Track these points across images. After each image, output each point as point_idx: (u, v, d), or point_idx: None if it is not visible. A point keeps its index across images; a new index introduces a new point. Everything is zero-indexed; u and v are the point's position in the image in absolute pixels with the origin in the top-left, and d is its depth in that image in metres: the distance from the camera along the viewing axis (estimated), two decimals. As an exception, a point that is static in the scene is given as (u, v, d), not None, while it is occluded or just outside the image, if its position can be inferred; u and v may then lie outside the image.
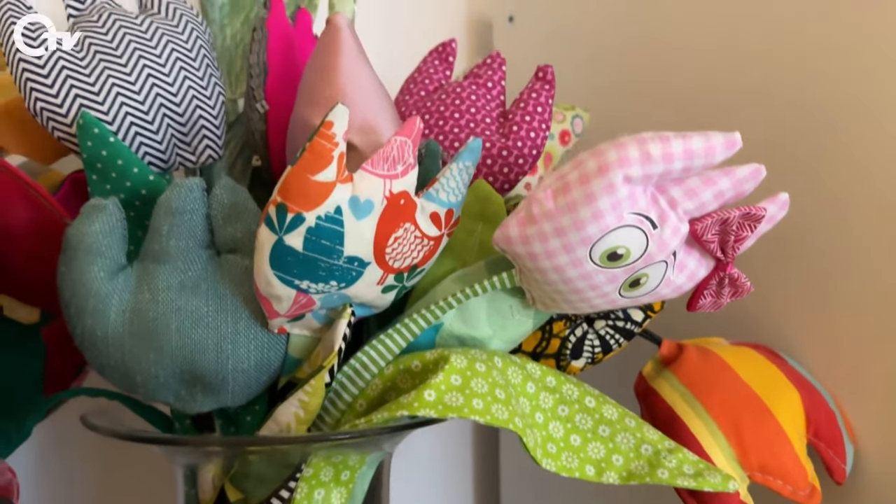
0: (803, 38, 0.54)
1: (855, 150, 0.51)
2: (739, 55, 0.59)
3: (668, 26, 0.66)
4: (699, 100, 0.63)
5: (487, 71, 0.53)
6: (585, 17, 0.74)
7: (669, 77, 0.65)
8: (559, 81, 0.73)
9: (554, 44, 0.78)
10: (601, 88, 0.73)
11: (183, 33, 0.48)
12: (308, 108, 0.44)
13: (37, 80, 0.43)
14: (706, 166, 0.38)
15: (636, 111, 0.69)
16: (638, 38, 0.69)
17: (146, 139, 0.45)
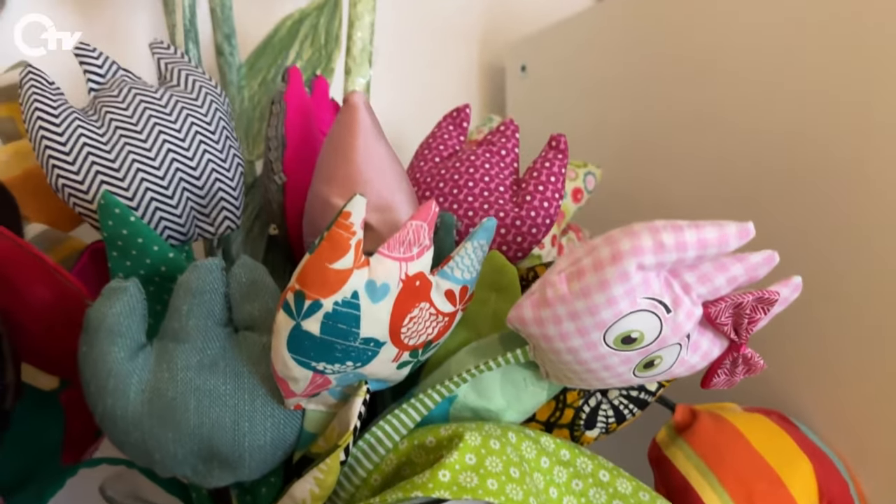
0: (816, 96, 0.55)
1: (857, 224, 0.52)
2: (745, 103, 0.59)
3: (676, 77, 0.66)
4: (706, 149, 0.63)
5: (501, 139, 0.54)
6: (596, 68, 0.75)
7: (677, 126, 0.66)
8: (569, 130, 0.74)
9: (565, 93, 0.79)
10: (611, 137, 0.73)
11: (202, 106, 0.49)
12: (326, 186, 0.45)
13: (59, 157, 0.44)
14: (719, 254, 0.38)
15: (645, 158, 0.69)
16: (647, 88, 0.69)
17: (166, 214, 0.46)
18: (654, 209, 0.69)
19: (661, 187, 0.68)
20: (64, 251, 0.51)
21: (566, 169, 0.52)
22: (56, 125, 0.45)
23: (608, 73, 0.73)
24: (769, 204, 0.58)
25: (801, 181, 0.56)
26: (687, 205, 0.66)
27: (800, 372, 0.56)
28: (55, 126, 0.45)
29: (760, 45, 0.58)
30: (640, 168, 0.71)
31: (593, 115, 0.75)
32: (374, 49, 0.59)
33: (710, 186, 0.63)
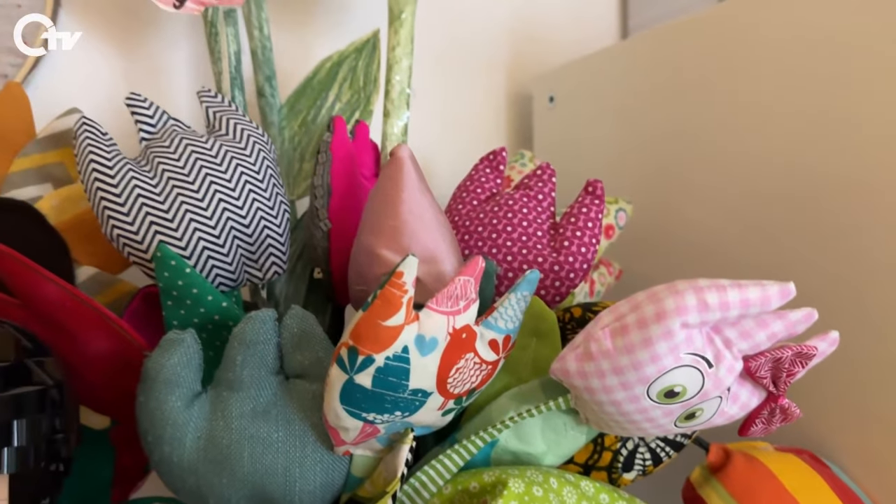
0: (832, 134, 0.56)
1: (890, 262, 0.53)
2: (768, 134, 0.60)
3: (699, 110, 0.67)
4: (729, 178, 0.64)
5: (538, 183, 0.55)
6: (623, 101, 0.76)
7: (701, 157, 0.67)
8: (597, 160, 0.75)
9: (592, 125, 0.80)
10: (637, 168, 0.74)
11: (250, 155, 0.50)
12: (372, 237, 0.46)
13: (114, 208, 0.46)
14: (761, 313, 0.39)
15: (670, 189, 0.70)
16: (672, 121, 0.70)
17: (218, 262, 0.47)
18: (678, 237, 0.70)
19: (686, 217, 0.69)
20: (114, 293, 0.53)
21: (602, 214, 0.53)
22: (111, 177, 0.46)
23: (634, 106, 0.75)
24: (796, 235, 0.59)
25: (828, 213, 0.57)
26: (711, 232, 0.67)
27: (831, 412, 0.57)
28: (110, 178, 0.46)
29: (782, 78, 0.59)
30: (665, 198, 0.72)
31: (620, 146, 0.76)
32: (412, 90, 0.60)
33: (734, 214, 0.64)
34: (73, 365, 0.44)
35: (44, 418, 0.39)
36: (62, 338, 0.43)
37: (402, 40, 0.60)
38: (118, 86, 0.67)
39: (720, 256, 0.66)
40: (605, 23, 0.99)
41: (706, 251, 0.68)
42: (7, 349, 0.39)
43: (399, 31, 0.60)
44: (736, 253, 0.65)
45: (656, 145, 0.72)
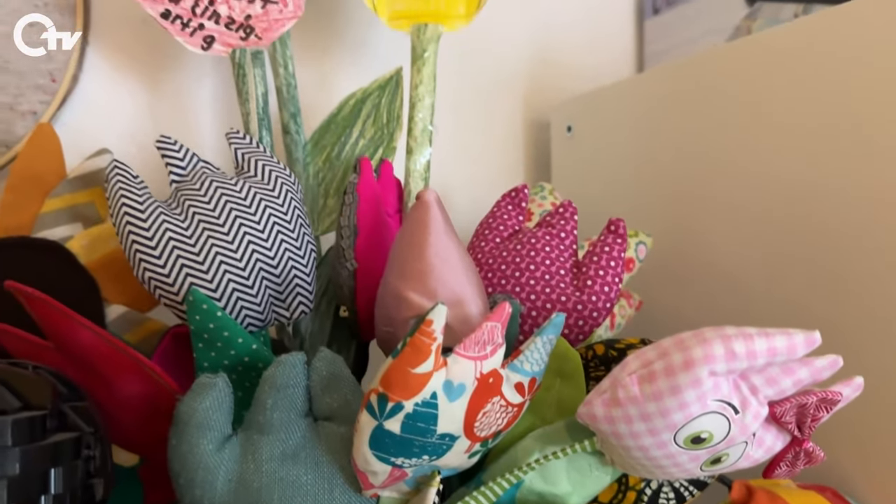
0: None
1: None
2: (785, 165, 0.61)
3: (718, 141, 0.67)
4: (747, 209, 0.64)
5: (560, 221, 0.55)
6: (640, 133, 0.76)
7: (719, 189, 0.67)
8: (615, 190, 0.76)
9: (610, 154, 0.80)
10: (655, 198, 0.75)
11: (278, 197, 0.51)
12: (400, 280, 0.46)
13: (146, 251, 0.47)
14: (787, 361, 0.39)
15: (688, 220, 0.71)
16: (690, 151, 0.71)
17: (247, 303, 0.48)
18: (698, 267, 0.70)
19: (706, 246, 0.70)
20: (143, 332, 0.54)
21: (624, 253, 0.53)
22: (143, 220, 0.47)
23: (652, 137, 0.75)
24: (817, 265, 0.59)
25: (850, 245, 0.57)
26: (731, 262, 0.67)
27: (854, 449, 0.57)
28: (142, 222, 0.47)
29: (800, 109, 0.60)
30: (684, 229, 0.72)
31: (639, 176, 0.77)
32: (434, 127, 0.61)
33: (755, 243, 0.65)
34: (106, 407, 0.45)
35: (80, 464, 0.39)
36: (96, 381, 0.44)
37: (425, 79, 0.60)
38: (144, 121, 0.68)
39: (741, 286, 0.66)
40: (622, 52, 1.00)
41: (726, 281, 0.68)
42: (44, 395, 0.40)
43: (422, 69, 0.60)
44: (757, 282, 0.65)
45: (674, 176, 0.73)
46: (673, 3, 0.95)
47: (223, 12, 0.56)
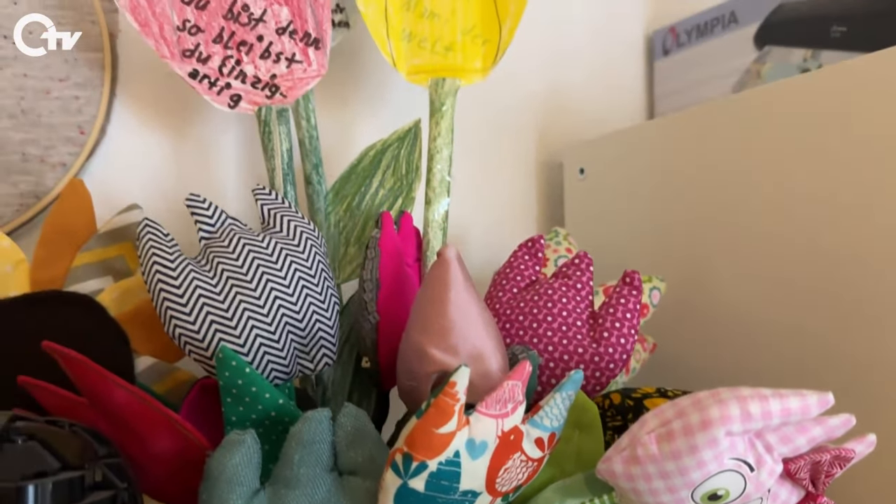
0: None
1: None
2: (791, 211, 0.62)
3: (729, 188, 0.69)
4: (756, 253, 0.66)
5: (576, 272, 0.57)
6: (652, 176, 0.78)
7: (733, 233, 0.68)
8: (628, 234, 0.77)
9: (623, 198, 0.82)
10: (666, 242, 0.76)
11: (303, 252, 0.53)
12: (422, 336, 0.48)
13: (177, 309, 0.48)
14: (801, 420, 0.40)
15: (703, 264, 0.72)
16: (702, 197, 0.72)
17: (273, 357, 0.50)
18: (710, 310, 0.71)
19: (718, 290, 0.71)
20: (171, 382, 0.55)
21: (640, 305, 0.55)
22: (174, 278, 0.49)
23: (664, 182, 0.76)
24: (826, 313, 0.60)
25: (863, 288, 0.58)
26: (743, 305, 0.68)
27: (867, 501, 0.57)
28: (173, 279, 0.49)
29: (807, 161, 0.61)
30: (696, 272, 0.73)
31: (651, 220, 0.78)
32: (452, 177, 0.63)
33: (763, 285, 0.66)
34: (138, 461, 0.46)
35: (115, 521, 0.41)
36: (129, 436, 0.46)
37: (443, 131, 0.62)
38: (169, 171, 0.70)
39: (753, 326, 0.67)
40: (632, 92, 1.02)
41: (738, 321, 0.69)
42: (81, 454, 0.41)
43: (440, 122, 0.62)
44: (769, 323, 0.66)
45: (686, 219, 0.74)
46: (682, 44, 0.96)
47: (249, 72, 0.58)
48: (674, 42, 0.98)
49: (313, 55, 0.59)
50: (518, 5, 0.64)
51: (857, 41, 0.76)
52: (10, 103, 0.64)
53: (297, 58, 0.59)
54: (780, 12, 0.85)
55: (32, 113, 0.64)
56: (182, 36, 0.56)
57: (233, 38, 0.57)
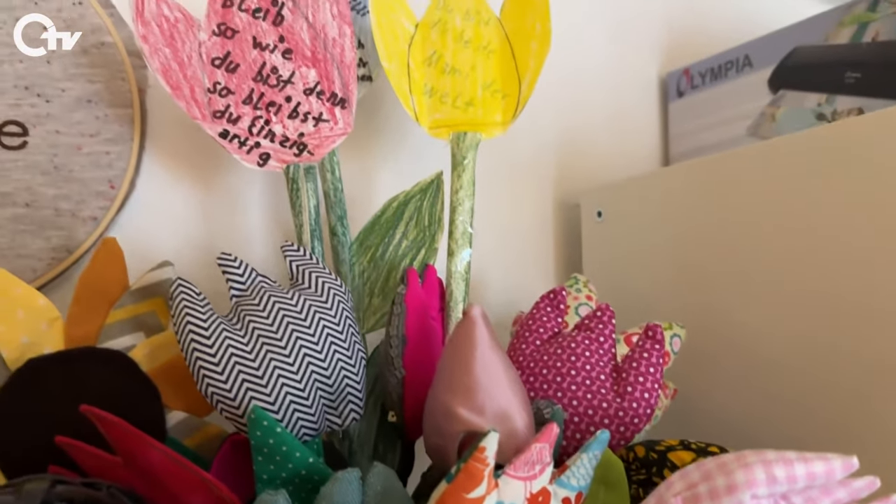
0: None
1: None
2: (807, 257, 0.63)
3: (744, 232, 0.70)
4: (778, 296, 0.66)
5: (598, 325, 0.58)
6: (670, 222, 0.79)
7: (748, 276, 0.69)
8: (646, 278, 0.78)
9: (641, 242, 0.83)
10: (688, 288, 0.77)
11: (331, 308, 0.54)
12: (448, 394, 0.49)
13: (210, 369, 0.49)
14: (826, 483, 0.41)
15: (719, 306, 0.73)
16: (720, 245, 0.73)
17: (302, 414, 0.51)
18: (730, 356, 0.72)
19: (738, 336, 0.71)
20: (201, 436, 0.56)
21: (663, 359, 0.55)
22: (206, 338, 0.50)
23: (681, 228, 0.77)
24: (850, 356, 0.61)
25: (882, 329, 0.58)
26: (761, 349, 0.68)
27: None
28: (206, 339, 0.50)
29: (824, 209, 0.62)
30: (716, 318, 0.74)
31: (670, 266, 0.79)
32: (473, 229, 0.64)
33: (782, 330, 0.66)
34: (172, 520, 0.47)
35: (152, 583, 0.41)
36: (163, 496, 0.46)
37: (465, 184, 0.63)
38: (197, 222, 0.72)
39: (773, 371, 0.68)
40: (647, 133, 1.03)
41: (759, 366, 0.69)
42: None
43: (462, 175, 0.63)
44: (789, 367, 0.66)
45: (705, 264, 0.75)
46: (697, 86, 0.98)
47: (278, 131, 0.59)
48: (688, 84, 0.99)
49: (339, 114, 0.61)
50: (537, 61, 0.65)
51: (871, 88, 0.77)
52: (44, 160, 0.66)
53: (324, 117, 0.60)
54: (794, 57, 0.86)
55: (65, 168, 0.66)
56: (213, 98, 0.58)
57: (262, 99, 0.59)
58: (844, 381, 0.61)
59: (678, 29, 1.08)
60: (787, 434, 0.66)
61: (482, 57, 0.67)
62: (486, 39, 0.67)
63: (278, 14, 0.58)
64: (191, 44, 0.57)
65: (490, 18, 0.68)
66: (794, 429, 0.66)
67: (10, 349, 0.54)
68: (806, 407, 0.65)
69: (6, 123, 0.65)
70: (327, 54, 0.60)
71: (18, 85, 0.66)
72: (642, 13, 1.05)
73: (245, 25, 0.58)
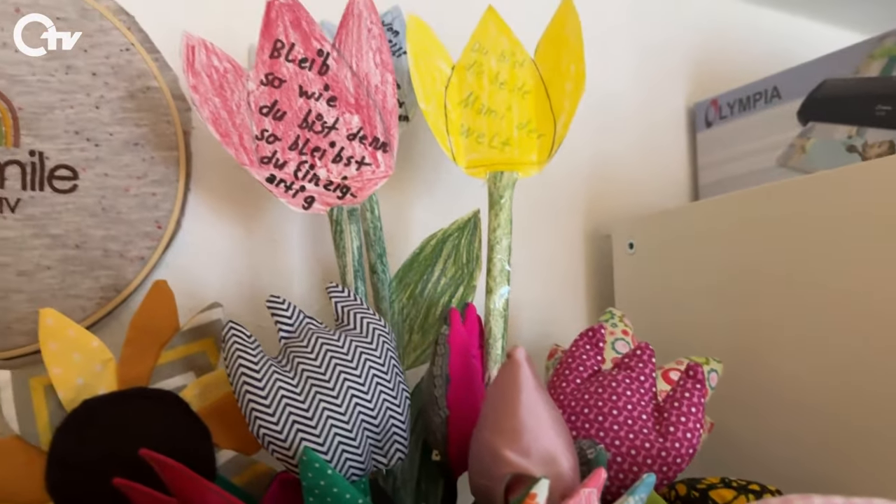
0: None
1: None
2: (841, 291, 0.63)
3: (778, 266, 0.70)
4: (813, 331, 0.67)
5: (638, 363, 0.58)
6: (702, 257, 0.79)
7: (782, 310, 0.70)
8: (680, 312, 0.78)
9: (674, 275, 0.83)
10: (723, 321, 0.77)
11: (376, 349, 0.55)
12: (494, 436, 0.50)
13: (261, 410, 0.51)
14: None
15: (754, 340, 0.73)
16: (752, 274, 0.73)
17: (350, 455, 0.52)
18: (763, 388, 0.72)
19: (775, 369, 0.72)
20: (250, 474, 0.58)
21: (704, 398, 0.56)
22: (258, 380, 0.51)
23: (714, 264, 0.78)
24: (888, 392, 0.61)
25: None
26: (802, 384, 0.69)
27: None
28: (258, 381, 0.51)
29: (858, 242, 0.62)
30: (748, 350, 0.74)
31: (702, 296, 0.79)
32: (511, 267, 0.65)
33: (818, 365, 0.67)
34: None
35: None
36: (218, 536, 0.48)
37: (502, 222, 0.65)
38: (240, 258, 0.74)
39: (808, 405, 0.68)
40: (676, 163, 1.04)
41: (794, 399, 0.70)
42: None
43: (499, 214, 0.65)
44: (824, 403, 0.67)
45: (739, 298, 0.75)
46: (725, 117, 0.99)
47: (322, 175, 0.61)
48: (716, 114, 1.00)
49: (381, 157, 0.62)
50: (572, 101, 0.67)
51: (902, 121, 0.78)
52: (93, 202, 0.68)
53: (367, 160, 0.62)
54: (823, 89, 0.87)
55: (113, 210, 0.68)
56: (260, 144, 0.59)
57: (307, 145, 0.61)
58: (886, 422, 0.62)
59: (705, 59, 1.09)
60: (825, 473, 0.67)
61: (517, 98, 0.68)
62: (521, 80, 0.69)
63: (324, 64, 0.60)
64: (239, 93, 0.59)
65: (525, 60, 0.69)
66: (833, 468, 0.67)
67: (66, 390, 0.56)
68: (846, 446, 0.65)
69: (57, 167, 0.67)
70: (370, 101, 0.61)
71: (69, 130, 0.68)
72: (670, 43, 1.07)
73: (292, 75, 0.60)
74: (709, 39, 1.09)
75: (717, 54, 1.10)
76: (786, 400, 0.70)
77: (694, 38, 1.09)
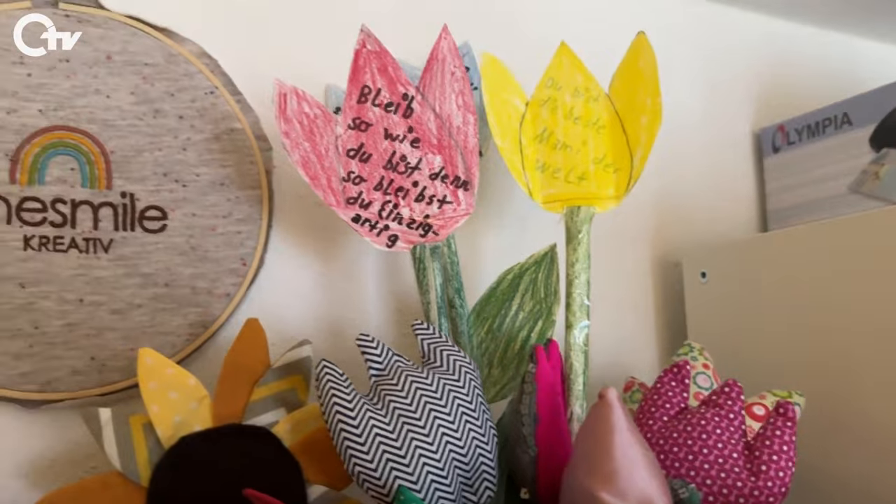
0: None
1: None
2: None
3: (851, 292, 0.69)
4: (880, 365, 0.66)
5: (727, 401, 0.58)
6: (774, 284, 0.79)
7: (860, 341, 0.69)
8: (755, 339, 0.78)
9: (748, 307, 0.83)
10: (801, 356, 0.76)
11: (463, 386, 0.56)
12: (589, 478, 0.50)
13: (356, 448, 0.52)
14: None
15: (832, 373, 0.72)
16: (828, 306, 0.73)
17: (442, 492, 0.52)
18: (849, 427, 0.71)
19: (857, 407, 0.70)
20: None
21: (795, 437, 0.55)
22: (352, 418, 0.52)
23: (787, 295, 0.78)
24: None
25: None
26: (879, 415, 0.67)
27: None
28: (352, 419, 0.52)
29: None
30: (827, 383, 0.73)
31: (777, 326, 0.79)
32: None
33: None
34: None
35: None
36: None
37: (581, 257, 0.65)
38: (320, 292, 0.75)
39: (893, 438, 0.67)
40: (743, 190, 1.03)
41: (877, 432, 0.68)
42: None
43: (577, 249, 0.65)
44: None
45: (815, 329, 0.75)
46: (793, 143, 0.98)
47: (405, 214, 0.63)
48: (784, 140, 0.99)
49: (462, 196, 0.63)
50: (648, 135, 0.67)
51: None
52: (181, 241, 0.70)
53: (448, 199, 0.63)
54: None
55: (200, 249, 0.71)
56: (347, 185, 0.61)
57: (391, 185, 0.62)
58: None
59: (771, 83, 1.08)
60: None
61: (592, 132, 0.69)
62: (596, 115, 0.69)
63: (408, 107, 0.62)
64: (328, 137, 0.61)
65: (599, 95, 0.70)
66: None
67: (164, 428, 0.58)
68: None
69: (147, 209, 0.70)
70: (451, 141, 0.63)
71: (157, 172, 0.71)
72: (735, 68, 1.06)
73: (378, 119, 0.61)
74: (774, 65, 1.09)
75: (783, 79, 1.09)
76: (869, 435, 0.69)
77: (759, 64, 1.08)
